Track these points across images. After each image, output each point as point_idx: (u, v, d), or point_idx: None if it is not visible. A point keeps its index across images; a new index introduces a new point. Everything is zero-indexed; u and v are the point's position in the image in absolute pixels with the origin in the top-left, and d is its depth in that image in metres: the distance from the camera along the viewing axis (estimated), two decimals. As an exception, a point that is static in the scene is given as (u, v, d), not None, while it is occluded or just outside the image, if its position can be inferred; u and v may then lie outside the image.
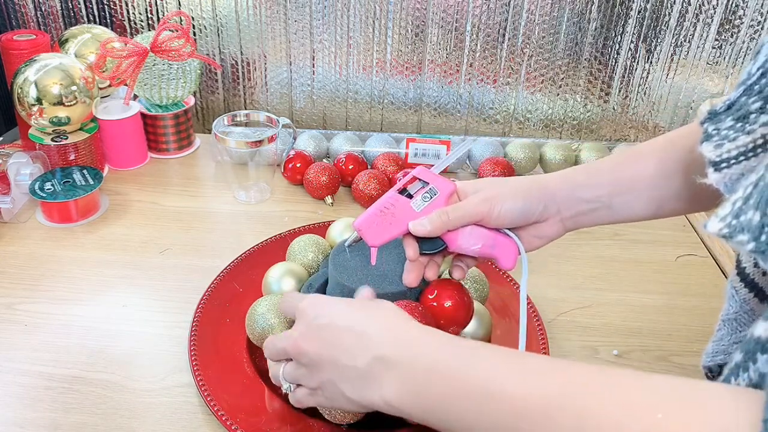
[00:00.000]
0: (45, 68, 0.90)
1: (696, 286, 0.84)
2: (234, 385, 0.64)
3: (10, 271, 0.81)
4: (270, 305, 0.66)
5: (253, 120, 0.98)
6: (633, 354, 0.73)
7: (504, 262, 0.59)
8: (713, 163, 0.43)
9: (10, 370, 0.67)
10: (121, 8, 1.12)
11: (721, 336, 0.50)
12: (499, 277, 0.78)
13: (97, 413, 0.62)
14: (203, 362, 0.65)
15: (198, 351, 0.67)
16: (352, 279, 0.65)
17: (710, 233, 0.38)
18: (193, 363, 0.65)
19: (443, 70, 1.15)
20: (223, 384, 0.63)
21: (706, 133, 0.44)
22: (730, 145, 0.42)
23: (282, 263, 0.74)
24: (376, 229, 0.58)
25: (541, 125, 1.20)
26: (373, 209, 0.58)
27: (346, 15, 1.11)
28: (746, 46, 1.09)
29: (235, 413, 0.60)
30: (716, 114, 0.44)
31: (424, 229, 0.56)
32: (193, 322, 0.70)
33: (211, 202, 0.97)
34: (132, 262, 0.83)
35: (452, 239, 0.58)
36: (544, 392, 0.39)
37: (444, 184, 0.59)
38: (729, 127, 0.43)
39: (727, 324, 0.49)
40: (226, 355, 0.67)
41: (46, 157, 0.94)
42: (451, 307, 0.61)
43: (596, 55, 1.12)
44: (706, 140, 0.44)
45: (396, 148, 1.05)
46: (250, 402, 0.62)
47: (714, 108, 0.45)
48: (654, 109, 1.17)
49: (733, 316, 0.48)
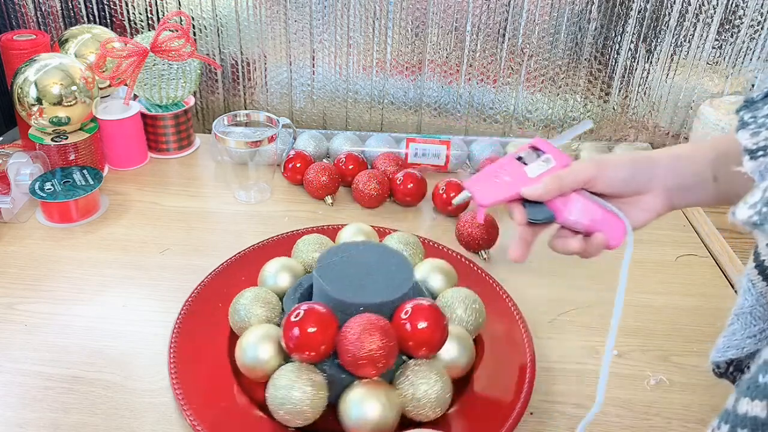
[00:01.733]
0: (45, 68, 0.90)
1: (696, 286, 0.84)
2: (209, 383, 0.64)
3: (10, 271, 0.81)
4: (253, 296, 0.67)
5: (253, 120, 0.98)
6: (633, 354, 0.73)
7: (610, 239, 0.58)
8: (749, 151, 0.42)
9: (10, 370, 0.67)
10: (121, 8, 1.12)
11: (733, 330, 0.50)
12: (498, 306, 0.75)
13: (97, 413, 0.62)
14: (182, 359, 0.66)
15: (178, 349, 0.67)
16: (336, 288, 0.62)
17: (738, 221, 0.37)
18: (171, 360, 0.66)
19: (443, 70, 1.15)
20: (199, 382, 0.64)
21: (742, 121, 0.44)
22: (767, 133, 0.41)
23: (280, 258, 0.74)
24: (488, 189, 0.58)
25: (541, 125, 1.20)
26: (487, 170, 0.59)
27: (346, 15, 1.11)
28: (746, 46, 1.09)
29: (204, 413, 0.60)
30: (753, 102, 0.44)
31: (536, 192, 0.57)
32: (177, 320, 0.71)
33: (211, 202, 0.97)
34: (132, 262, 0.83)
35: (560, 210, 0.57)
36: None
37: (561, 156, 0.59)
38: (766, 115, 0.42)
39: (740, 318, 0.49)
40: (207, 353, 0.67)
41: (46, 157, 0.94)
42: (425, 330, 0.59)
43: (596, 55, 1.12)
44: (742, 128, 0.43)
45: (396, 148, 1.05)
46: (222, 401, 0.62)
47: (750, 96, 0.44)
48: (654, 109, 1.17)
49: (748, 309, 0.48)
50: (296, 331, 0.58)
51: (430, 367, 0.60)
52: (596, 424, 0.64)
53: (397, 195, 0.96)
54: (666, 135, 1.20)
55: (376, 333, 0.57)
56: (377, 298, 0.61)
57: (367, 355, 0.56)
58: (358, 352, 0.56)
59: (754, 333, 0.48)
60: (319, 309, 0.60)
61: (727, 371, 0.54)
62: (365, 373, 0.58)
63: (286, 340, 0.59)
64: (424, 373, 0.59)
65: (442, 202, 0.95)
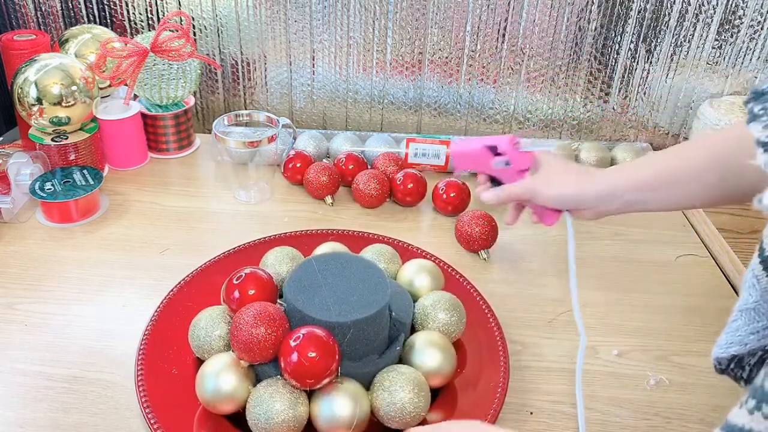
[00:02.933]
0: (45, 68, 0.90)
1: (696, 286, 0.84)
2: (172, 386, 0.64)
3: (10, 271, 0.81)
4: (211, 318, 0.65)
5: (253, 120, 0.98)
6: (633, 354, 0.73)
7: (544, 221, 0.72)
8: (763, 144, 0.41)
9: (10, 370, 0.67)
10: (121, 8, 1.12)
11: (737, 326, 0.50)
12: (477, 314, 0.74)
13: (97, 413, 0.62)
14: (150, 357, 0.66)
15: (148, 347, 0.67)
16: (307, 305, 0.61)
17: (765, 207, 0.37)
18: (139, 356, 0.66)
19: (443, 70, 1.15)
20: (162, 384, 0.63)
21: (752, 113, 0.43)
22: None
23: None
24: (465, 158, 0.74)
25: (541, 125, 1.20)
26: (476, 144, 0.72)
27: (346, 15, 1.11)
28: (746, 46, 1.09)
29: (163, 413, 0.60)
30: (762, 94, 0.43)
31: (491, 202, 0.72)
32: (152, 318, 0.71)
33: (211, 202, 0.97)
34: (132, 262, 0.83)
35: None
36: None
37: (521, 159, 0.70)
38: None
39: (744, 314, 0.48)
40: (173, 355, 0.67)
41: (46, 157, 0.94)
42: (315, 360, 0.56)
43: (596, 55, 1.12)
44: (754, 120, 0.43)
45: (396, 148, 1.05)
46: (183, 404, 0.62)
47: (758, 88, 0.43)
48: (654, 109, 1.17)
49: (752, 305, 0.47)
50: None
51: (406, 375, 0.60)
52: (596, 424, 0.64)
53: (397, 195, 0.96)
54: (666, 135, 1.20)
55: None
56: (348, 317, 0.60)
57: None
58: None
59: (757, 329, 0.48)
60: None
61: (728, 367, 0.53)
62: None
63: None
64: (400, 380, 0.59)
65: (442, 202, 0.95)
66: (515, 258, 0.87)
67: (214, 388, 0.59)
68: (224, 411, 0.60)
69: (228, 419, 0.61)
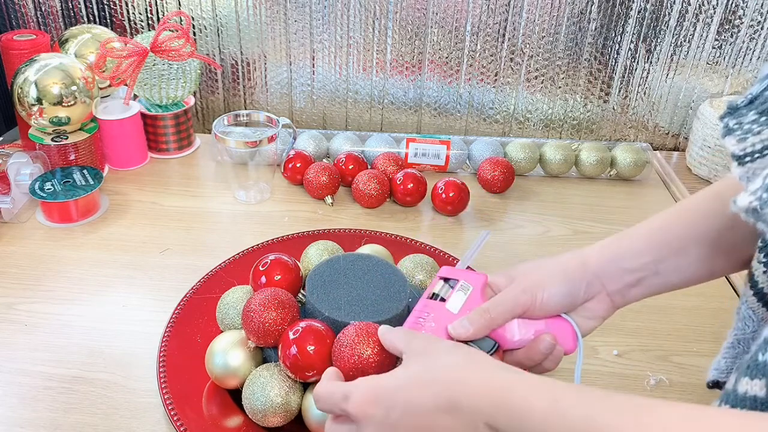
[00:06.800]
0: (45, 68, 0.90)
1: (696, 286, 0.84)
2: (196, 388, 0.64)
3: (10, 271, 0.81)
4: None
5: (253, 120, 0.98)
6: (633, 354, 0.73)
7: (563, 344, 0.53)
8: (737, 157, 0.42)
9: (10, 370, 0.67)
10: (121, 8, 1.12)
11: (736, 353, 0.50)
12: None
13: (97, 413, 0.62)
14: (171, 360, 0.67)
15: (169, 349, 0.68)
16: (320, 299, 0.61)
17: (739, 208, 0.37)
18: (160, 359, 0.66)
19: (443, 70, 1.15)
20: (185, 385, 0.64)
21: (727, 128, 0.43)
22: (755, 138, 0.41)
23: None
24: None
25: (541, 125, 1.20)
26: (409, 322, 0.53)
27: (346, 15, 1.11)
28: (746, 46, 1.09)
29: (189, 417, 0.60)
30: (737, 108, 0.44)
31: (467, 332, 0.51)
32: (170, 320, 0.71)
33: (211, 202, 0.97)
34: (132, 262, 0.83)
35: (502, 336, 0.52)
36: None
37: (474, 277, 0.55)
38: (752, 120, 0.42)
39: (743, 343, 0.49)
40: (195, 353, 0.67)
41: (46, 157, 0.94)
42: (313, 354, 0.56)
43: (596, 55, 1.12)
44: (728, 134, 0.43)
45: (396, 148, 1.05)
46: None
47: (734, 103, 0.44)
48: (654, 109, 1.17)
49: (750, 335, 0.48)
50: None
51: None
52: (596, 424, 0.64)
53: (397, 195, 0.96)
54: (666, 135, 1.20)
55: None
56: (377, 317, 0.60)
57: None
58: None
59: None
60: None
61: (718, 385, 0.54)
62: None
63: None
64: None
65: (441, 202, 0.95)
66: (516, 259, 0.88)
67: (222, 363, 0.61)
68: (230, 386, 0.62)
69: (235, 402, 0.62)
